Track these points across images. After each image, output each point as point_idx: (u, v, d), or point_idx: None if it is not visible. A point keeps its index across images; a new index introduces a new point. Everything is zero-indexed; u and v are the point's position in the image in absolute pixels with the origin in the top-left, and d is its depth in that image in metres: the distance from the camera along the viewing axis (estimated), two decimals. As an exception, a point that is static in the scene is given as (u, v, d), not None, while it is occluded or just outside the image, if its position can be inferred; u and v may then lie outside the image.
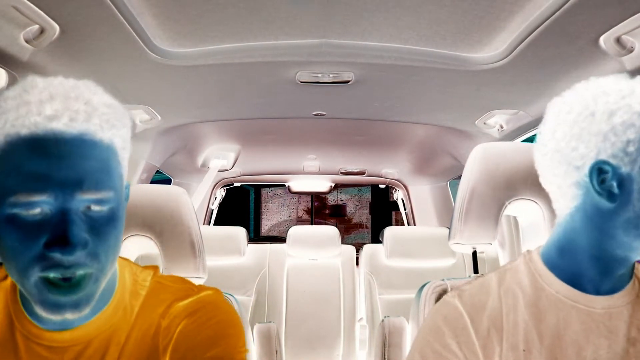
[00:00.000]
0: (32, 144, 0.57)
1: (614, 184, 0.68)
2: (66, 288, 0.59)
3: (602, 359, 0.71)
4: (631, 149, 0.67)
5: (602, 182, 0.68)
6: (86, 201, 0.59)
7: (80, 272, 0.59)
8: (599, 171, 0.68)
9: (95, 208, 0.60)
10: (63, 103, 0.59)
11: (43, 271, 0.58)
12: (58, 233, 0.57)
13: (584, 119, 0.69)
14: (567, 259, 0.75)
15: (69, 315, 0.61)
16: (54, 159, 0.57)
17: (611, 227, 0.70)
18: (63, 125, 0.58)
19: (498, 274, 0.81)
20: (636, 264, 0.78)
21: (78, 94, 0.61)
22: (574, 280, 0.75)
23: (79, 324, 0.67)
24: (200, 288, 0.75)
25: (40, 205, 0.57)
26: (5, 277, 0.71)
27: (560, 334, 0.73)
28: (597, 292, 0.74)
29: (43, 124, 0.57)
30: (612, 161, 0.68)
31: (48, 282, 0.59)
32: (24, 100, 0.58)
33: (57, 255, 0.57)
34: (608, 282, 0.74)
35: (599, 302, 0.73)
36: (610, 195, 0.68)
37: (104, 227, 0.61)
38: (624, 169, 0.67)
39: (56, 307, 0.60)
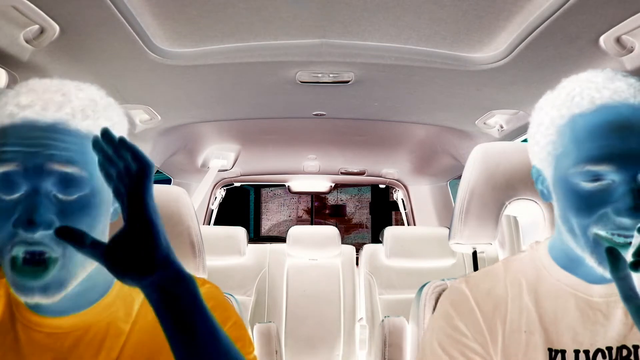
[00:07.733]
0: (11, 131, 0.61)
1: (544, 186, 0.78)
2: (29, 273, 0.60)
3: (599, 344, 0.73)
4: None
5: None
6: (56, 174, 0.60)
7: (44, 254, 0.60)
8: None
9: (65, 191, 0.61)
10: (38, 95, 0.62)
11: (12, 249, 0.59)
12: (24, 211, 0.58)
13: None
14: (565, 247, 0.77)
15: (39, 299, 0.61)
16: (27, 141, 0.60)
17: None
18: (35, 113, 0.61)
19: (505, 262, 0.84)
20: None
21: (59, 89, 0.64)
22: (574, 269, 0.77)
23: (78, 311, 0.68)
24: (204, 281, 0.78)
25: (14, 178, 0.59)
26: None
27: (557, 320, 0.75)
28: (595, 280, 0.75)
29: (17, 112, 0.61)
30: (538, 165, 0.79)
31: (14, 264, 0.60)
32: (4, 96, 0.63)
33: (20, 232, 0.58)
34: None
35: (597, 291, 0.76)
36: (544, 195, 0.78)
37: (75, 213, 0.61)
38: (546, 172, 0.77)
39: (25, 290, 0.60)
